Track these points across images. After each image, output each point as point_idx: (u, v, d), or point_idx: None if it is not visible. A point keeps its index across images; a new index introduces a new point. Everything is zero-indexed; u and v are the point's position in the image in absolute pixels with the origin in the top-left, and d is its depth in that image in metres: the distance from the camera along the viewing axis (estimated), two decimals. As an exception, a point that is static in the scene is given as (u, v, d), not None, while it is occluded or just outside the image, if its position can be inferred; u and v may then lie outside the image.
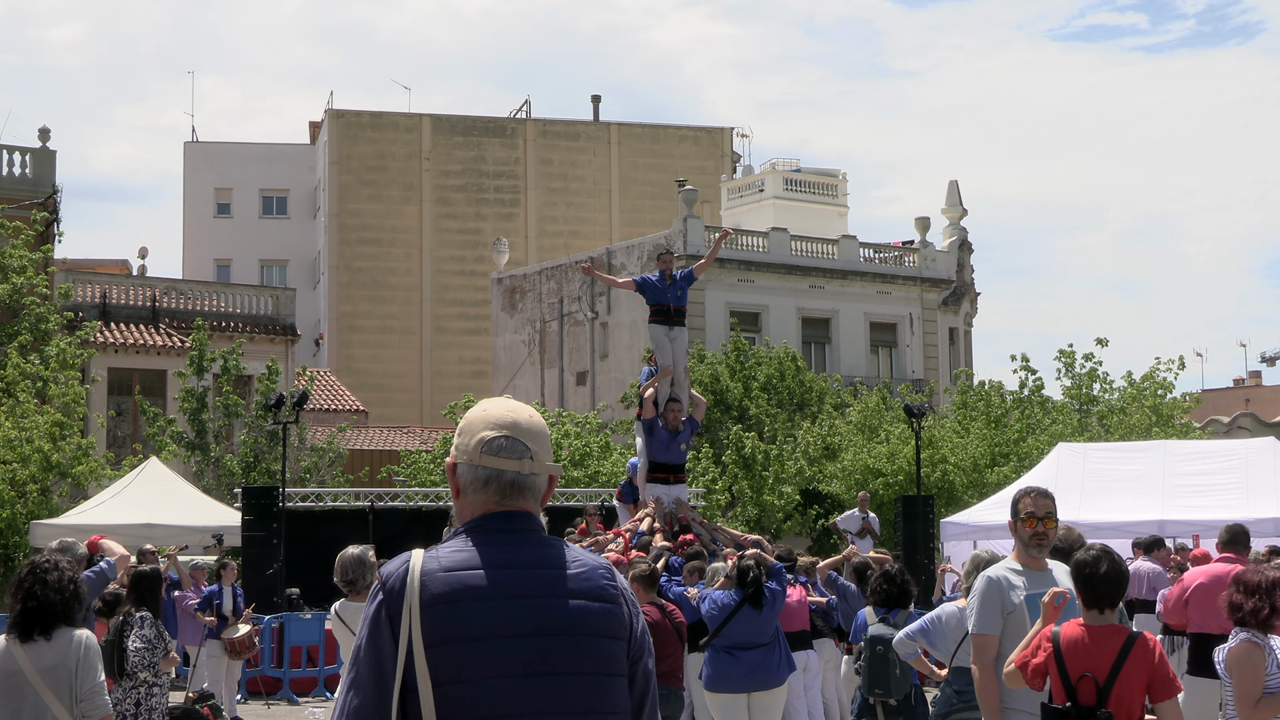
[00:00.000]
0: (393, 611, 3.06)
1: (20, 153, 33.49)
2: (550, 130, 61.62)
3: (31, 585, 6.60)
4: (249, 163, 62.42)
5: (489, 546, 3.15)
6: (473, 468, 3.22)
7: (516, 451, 3.23)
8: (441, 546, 3.18)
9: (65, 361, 28.27)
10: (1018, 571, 6.53)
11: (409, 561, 3.12)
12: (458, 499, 3.27)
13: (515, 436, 3.24)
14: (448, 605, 3.05)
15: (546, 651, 3.08)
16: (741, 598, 10.68)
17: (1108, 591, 5.83)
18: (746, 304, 42.94)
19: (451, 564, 3.11)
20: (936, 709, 7.91)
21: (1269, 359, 61.98)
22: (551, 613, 3.11)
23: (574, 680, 3.10)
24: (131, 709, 9.55)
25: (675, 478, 15.99)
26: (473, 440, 3.24)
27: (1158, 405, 35.02)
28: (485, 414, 3.28)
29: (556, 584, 3.14)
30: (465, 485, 3.24)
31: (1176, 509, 19.43)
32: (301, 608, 20.89)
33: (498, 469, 3.21)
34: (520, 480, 3.23)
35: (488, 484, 3.22)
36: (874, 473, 32.27)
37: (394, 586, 3.08)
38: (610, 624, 3.18)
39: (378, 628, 3.07)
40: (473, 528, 3.20)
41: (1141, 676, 5.71)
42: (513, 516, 3.22)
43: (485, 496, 3.22)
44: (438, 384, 56.87)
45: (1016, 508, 6.62)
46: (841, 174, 54.79)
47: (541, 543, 3.22)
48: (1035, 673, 5.89)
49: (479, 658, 3.03)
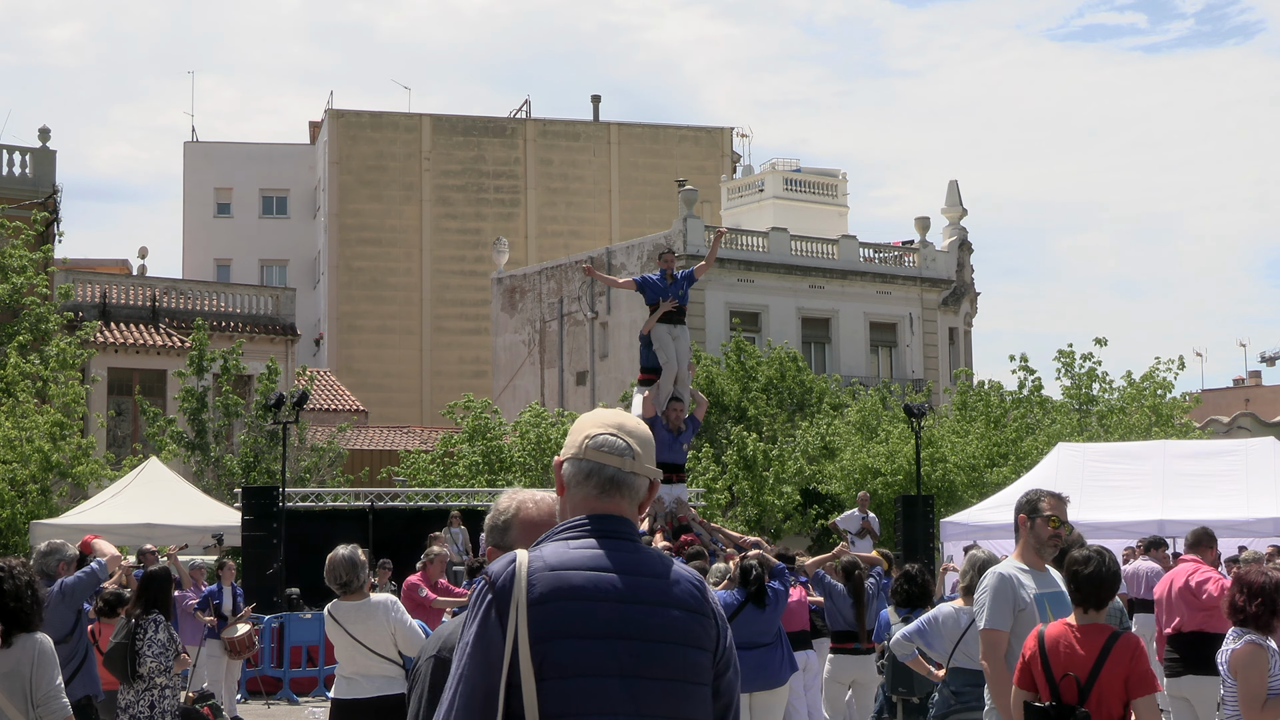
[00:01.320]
0: (501, 608, 3.14)
1: (20, 153, 33.50)
2: (550, 130, 61.63)
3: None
4: (249, 163, 62.43)
5: (590, 549, 3.23)
6: (576, 462, 3.33)
7: (619, 449, 3.33)
8: (544, 545, 3.25)
9: (65, 361, 28.27)
10: (1024, 570, 6.54)
11: (515, 560, 3.19)
12: (561, 495, 3.38)
13: (620, 435, 3.35)
14: (554, 603, 3.14)
15: (639, 655, 3.16)
16: (745, 597, 10.70)
17: (1094, 591, 5.88)
18: (746, 304, 42.95)
19: (557, 563, 3.19)
20: (935, 710, 7.92)
21: (1269, 359, 62.01)
22: (646, 619, 3.19)
23: (662, 686, 3.17)
24: (145, 711, 9.57)
25: (676, 477, 16.03)
26: (580, 436, 3.36)
27: (1157, 405, 35.03)
28: (595, 416, 3.42)
29: (651, 591, 3.22)
30: (568, 479, 3.34)
31: (1176, 509, 19.43)
32: (301, 608, 20.88)
33: (600, 463, 3.31)
34: (620, 477, 3.31)
35: (589, 477, 3.31)
36: (873, 472, 32.28)
37: (503, 584, 3.16)
38: (699, 634, 3.26)
39: (487, 624, 3.14)
40: (575, 528, 3.28)
41: (1121, 674, 5.75)
42: (612, 519, 3.30)
43: (586, 491, 3.31)
44: (438, 384, 56.87)
45: (1037, 507, 6.56)
46: (841, 174, 54.80)
47: (638, 549, 3.30)
48: (1022, 671, 5.92)
49: (581, 656, 3.12)
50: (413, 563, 16.35)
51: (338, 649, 8.71)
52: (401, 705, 8.50)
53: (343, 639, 8.55)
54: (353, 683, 8.55)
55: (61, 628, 8.61)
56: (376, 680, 8.50)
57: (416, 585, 15.01)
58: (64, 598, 8.76)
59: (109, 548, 9.52)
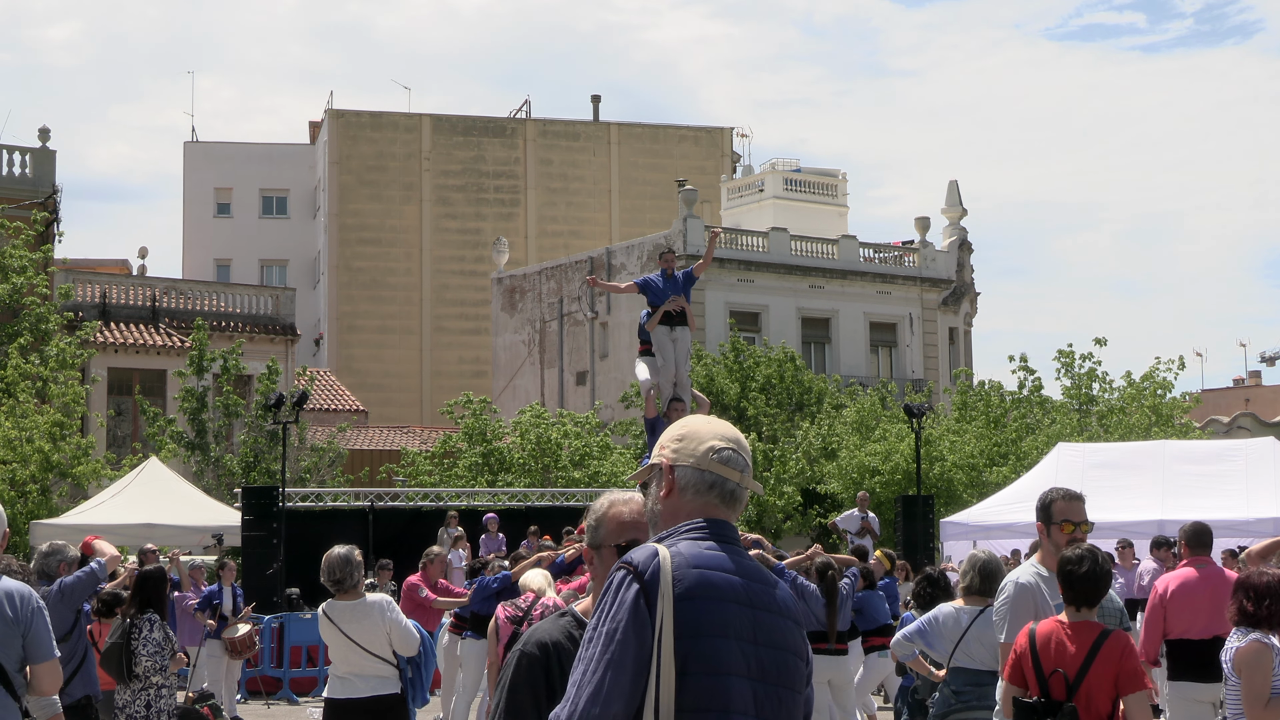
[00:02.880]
0: (650, 599, 3.18)
1: (20, 153, 33.51)
2: (550, 130, 61.63)
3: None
4: (249, 163, 62.41)
5: (716, 550, 3.31)
6: (699, 471, 3.40)
7: (740, 465, 3.44)
8: (678, 541, 3.30)
9: (65, 361, 28.27)
10: (1045, 577, 6.39)
11: (659, 555, 3.23)
12: (666, 499, 3.42)
13: (740, 452, 3.46)
14: (699, 600, 3.20)
15: (764, 661, 3.26)
16: None
17: (1085, 590, 5.89)
18: (746, 304, 42.95)
19: (698, 561, 3.26)
20: (935, 710, 7.91)
21: (1269, 359, 62.03)
22: (770, 625, 3.30)
23: (779, 692, 3.29)
24: (142, 711, 9.56)
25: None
26: (702, 446, 3.42)
27: (1157, 405, 35.03)
28: (711, 427, 3.49)
29: (769, 598, 3.33)
30: (685, 486, 3.40)
31: (1176, 509, 19.42)
32: (301, 608, 20.88)
33: (723, 476, 3.40)
34: (739, 493, 3.43)
35: (712, 488, 3.40)
36: (871, 472, 32.27)
37: (650, 576, 3.20)
38: (802, 645, 3.40)
39: (638, 613, 3.17)
40: (698, 529, 3.34)
41: (1110, 672, 5.76)
42: (728, 526, 3.40)
43: (706, 500, 3.40)
44: (438, 384, 56.85)
45: (1050, 511, 6.42)
46: (841, 174, 54.80)
47: (748, 556, 3.40)
48: (1013, 667, 5.93)
49: (725, 655, 3.19)
50: (413, 563, 16.35)
51: (332, 649, 8.68)
52: (396, 705, 8.53)
53: (337, 638, 8.52)
54: (347, 682, 8.53)
55: (60, 627, 8.59)
56: (371, 680, 8.48)
57: (416, 585, 15.01)
58: (63, 598, 8.75)
59: (109, 548, 9.51)
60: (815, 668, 12.83)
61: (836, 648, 12.56)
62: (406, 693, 8.60)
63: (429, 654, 8.98)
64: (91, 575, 8.93)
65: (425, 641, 8.81)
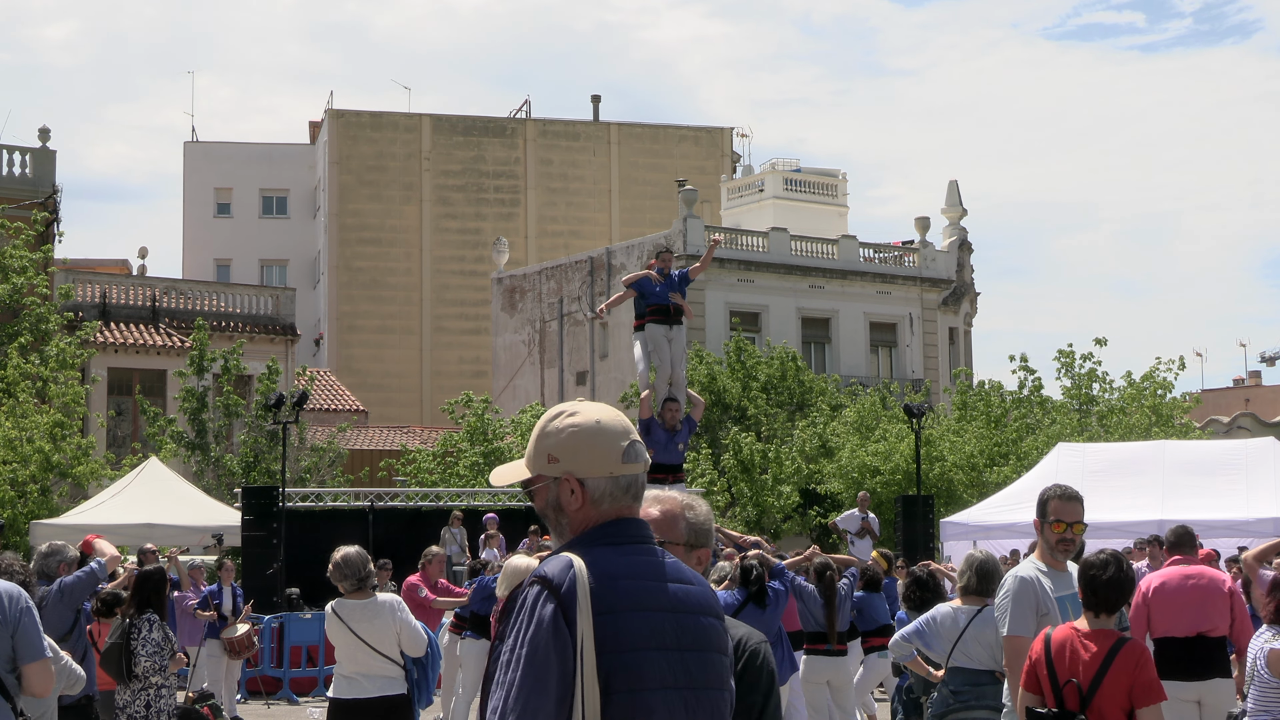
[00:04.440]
0: (569, 616, 3.02)
1: (20, 153, 33.52)
2: (550, 130, 61.63)
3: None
4: (249, 162, 62.43)
5: (633, 557, 3.15)
6: (613, 479, 3.20)
7: (642, 455, 3.26)
8: (590, 549, 3.13)
9: (65, 361, 28.28)
10: (1044, 572, 6.44)
11: (574, 566, 3.07)
12: (579, 510, 3.20)
13: (637, 441, 3.27)
14: (620, 613, 3.05)
15: (690, 666, 3.12)
16: (745, 597, 10.70)
17: (1108, 596, 5.80)
18: (746, 304, 42.95)
19: (616, 570, 3.10)
20: (934, 709, 7.91)
21: (1269, 359, 62.03)
22: (691, 627, 3.15)
23: (707, 695, 3.15)
24: (141, 711, 9.56)
25: (673, 478, 16.07)
26: (612, 452, 3.20)
27: (1157, 405, 35.02)
28: (602, 425, 3.24)
29: (689, 599, 3.18)
30: (600, 496, 3.19)
31: (1176, 509, 19.43)
32: (301, 608, 20.88)
33: (635, 474, 3.23)
34: (642, 479, 3.27)
35: (628, 490, 3.22)
36: (871, 471, 32.28)
37: (567, 591, 3.03)
38: (724, 641, 3.25)
39: (558, 632, 3.00)
40: (609, 535, 3.18)
41: (1124, 683, 5.66)
42: (635, 523, 3.23)
43: (623, 503, 3.22)
44: (438, 384, 56.86)
45: (1044, 509, 6.47)
46: (841, 174, 54.83)
47: (664, 553, 3.23)
48: (1028, 675, 5.88)
49: (648, 668, 3.04)
50: (413, 563, 16.36)
51: (339, 648, 8.62)
52: (402, 706, 8.52)
53: (346, 637, 8.47)
54: (353, 682, 8.49)
55: (60, 627, 8.61)
56: (378, 680, 8.44)
57: (416, 585, 15.01)
58: (63, 597, 8.76)
59: (109, 548, 9.51)
60: (815, 668, 12.79)
61: (836, 648, 12.55)
62: (413, 694, 8.58)
63: (436, 656, 8.95)
64: (91, 575, 8.93)
65: (433, 643, 8.79)
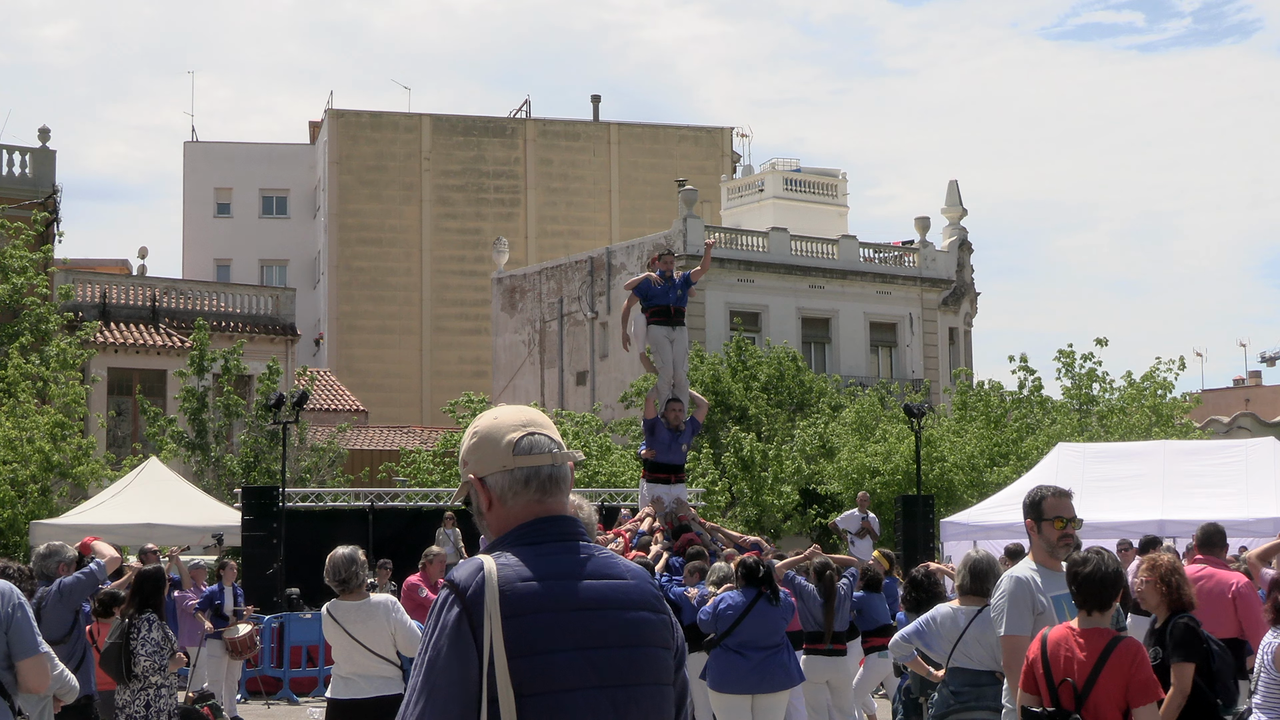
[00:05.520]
0: (474, 621, 3.00)
1: (20, 153, 33.51)
2: (550, 130, 61.64)
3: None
4: (249, 162, 62.42)
5: (552, 556, 3.13)
6: (508, 473, 3.20)
7: (544, 445, 3.23)
8: (506, 553, 3.12)
9: (65, 361, 28.29)
10: (1039, 572, 6.46)
11: (483, 570, 3.05)
12: (490, 511, 3.22)
13: (540, 431, 3.25)
14: (530, 615, 3.02)
15: (616, 663, 3.08)
16: (756, 594, 10.71)
17: (1094, 593, 5.80)
18: (746, 304, 42.95)
19: (526, 573, 3.07)
20: (934, 710, 7.91)
21: (1269, 359, 62.02)
22: (617, 624, 3.11)
23: (639, 691, 3.11)
24: (141, 710, 9.56)
25: (675, 478, 16.14)
26: (500, 445, 3.22)
27: (1158, 405, 35.01)
28: (498, 421, 3.26)
29: (616, 595, 3.14)
30: (502, 493, 3.21)
31: (1176, 509, 19.43)
32: (301, 608, 20.88)
33: (534, 465, 3.20)
34: (556, 473, 3.23)
35: (528, 483, 3.20)
36: (870, 472, 32.28)
37: (473, 596, 3.02)
38: (663, 634, 3.20)
39: (460, 637, 3.00)
40: (527, 534, 3.17)
41: (1119, 682, 5.64)
42: (559, 521, 3.21)
43: (527, 498, 3.20)
44: (438, 384, 56.87)
45: (1040, 508, 6.46)
46: (841, 174, 54.83)
47: (591, 550, 3.21)
48: (1026, 675, 5.87)
49: (563, 670, 3.02)
50: (413, 563, 16.36)
51: (335, 649, 8.65)
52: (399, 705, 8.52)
53: (341, 639, 8.50)
54: (350, 683, 8.51)
55: (60, 628, 8.62)
56: (375, 680, 8.46)
57: (416, 585, 15.03)
58: (62, 598, 8.76)
59: (108, 549, 9.52)
60: (814, 668, 12.76)
61: (834, 648, 12.55)
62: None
63: (433, 655, 8.94)
64: (91, 576, 8.93)
65: (429, 642, 8.79)
